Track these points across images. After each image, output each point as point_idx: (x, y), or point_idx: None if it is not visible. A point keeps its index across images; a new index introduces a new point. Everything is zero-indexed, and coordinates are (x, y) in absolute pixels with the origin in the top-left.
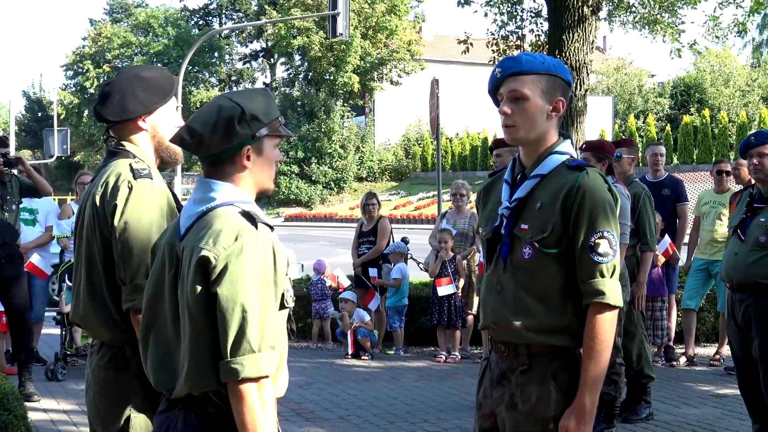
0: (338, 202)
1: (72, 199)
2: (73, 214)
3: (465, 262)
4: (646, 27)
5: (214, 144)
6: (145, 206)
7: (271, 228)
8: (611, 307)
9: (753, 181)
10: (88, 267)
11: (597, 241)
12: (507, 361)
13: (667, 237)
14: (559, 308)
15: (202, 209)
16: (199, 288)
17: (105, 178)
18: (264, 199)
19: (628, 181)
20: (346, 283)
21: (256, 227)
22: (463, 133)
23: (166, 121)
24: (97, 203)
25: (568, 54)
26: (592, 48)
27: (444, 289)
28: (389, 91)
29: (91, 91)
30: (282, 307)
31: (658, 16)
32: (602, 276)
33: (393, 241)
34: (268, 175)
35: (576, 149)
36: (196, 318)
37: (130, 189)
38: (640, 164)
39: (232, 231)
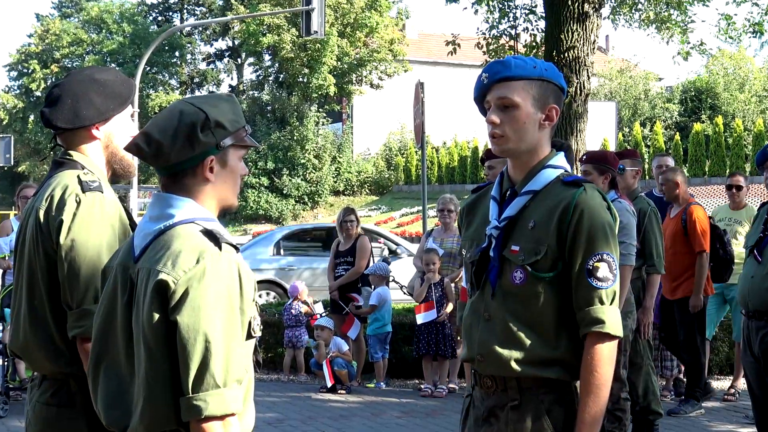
0: (312, 218)
1: (14, 215)
2: (13, 230)
3: (453, 285)
4: (653, 26)
5: (174, 153)
6: (94, 222)
7: (237, 248)
8: (611, 337)
9: None
10: (30, 290)
11: (595, 264)
12: (494, 397)
13: None
14: (554, 338)
15: (159, 227)
16: (156, 316)
17: (50, 191)
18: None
19: (633, 196)
20: (320, 311)
21: (220, 248)
22: (451, 142)
23: (121, 130)
24: (41, 219)
25: (566, 55)
26: (594, 48)
27: (423, 317)
28: (369, 96)
29: (38, 93)
30: (249, 336)
31: (667, 14)
32: (601, 303)
33: (373, 262)
34: (232, 189)
35: (575, 160)
36: (153, 349)
37: (78, 203)
38: (646, 177)
39: (194, 252)
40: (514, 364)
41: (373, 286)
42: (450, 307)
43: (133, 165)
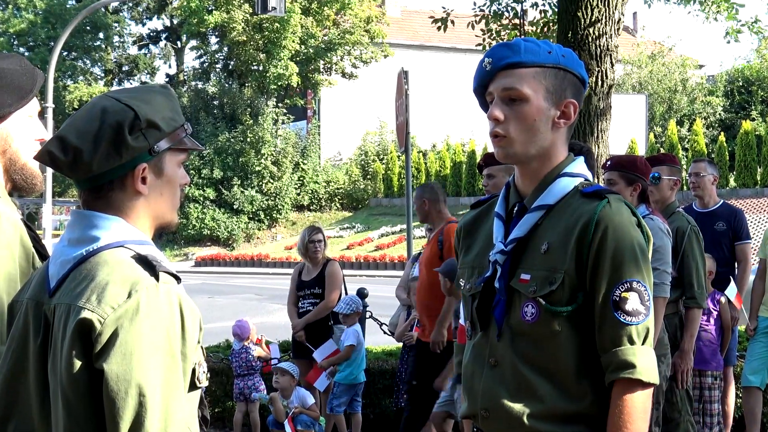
0: (270, 240)
1: None
2: None
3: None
4: (694, 1)
5: (97, 162)
6: None
7: (178, 279)
8: (644, 385)
9: None
10: None
11: (623, 295)
12: None
13: (733, 285)
14: (574, 387)
15: (80, 253)
16: (77, 363)
17: None
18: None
19: (669, 211)
20: (276, 354)
21: (157, 278)
22: (443, 145)
23: (21, 131)
24: None
25: (584, 37)
26: (619, 29)
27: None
28: (341, 87)
29: None
30: (193, 387)
31: None
32: (631, 342)
33: (345, 294)
34: (170, 203)
35: (596, 168)
36: (74, 404)
37: None
38: (685, 188)
39: (124, 284)
40: (526, 420)
41: (345, 325)
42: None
43: (39, 176)
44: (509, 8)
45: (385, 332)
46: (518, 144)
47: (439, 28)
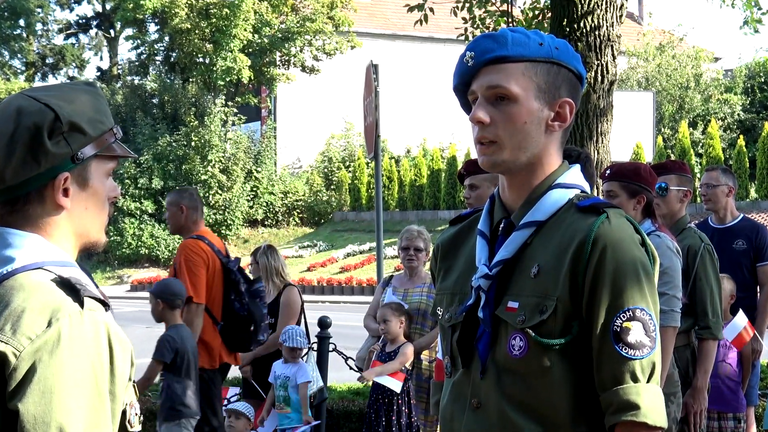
0: None
1: None
2: None
3: (426, 357)
4: None
5: (11, 171)
6: None
7: (106, 305)
8: (650, 429)
9: None
10: None
11: (625, 324)
12: None
13: (741, 315)
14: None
15: None
16: None
17: None
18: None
19: (679, 227)
20: (231, 392)
21: (82, 304)
22: (418, 150)
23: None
24: None
25: (582, 26)
26: (621, 16)
27: (388, 382)
28: (300, 83)
29: None
30: (123, 430)
31: None
32: (635, 379)
33: (304, 325)
34: (97, 219)
35: (594, 177)
36: None
37: None
38: (698, 200)
39: (43, 311)
40: None
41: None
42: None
43: None
44: None
45: (351, 368)
46: (506, 150)
47: (415, 23)
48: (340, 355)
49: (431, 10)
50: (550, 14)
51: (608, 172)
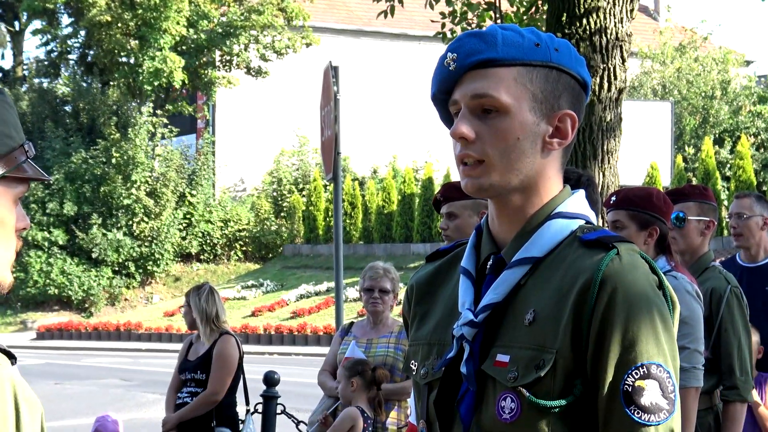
0: (144, 302)
1: None
2: None
3: (393, 421)
4: None
5: None
6: None
7: (11, 357)
8: None
9: None
10: None
11: (638, 383)
12: None
13: None
14: None
15: None
16: None
17: None
18: None
19: (700, 266)
20: None
21: None
22: (387, 170)
23: None
24: None
25: (585, 22)
26: (633, 10)
27: None
28: (245, 88)
29: None
30: None
31: None
32: None
33: (243, 382)
34: (2, 256)
35: (599, 204)
36: None
37: None
38: (725, 233)
39: None
40: None
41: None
42: None
43: None
44: None
45: None
46: (496, 172)
47: (383, 14)
48: (290, 418)
49: (400, 1)
50: (545, 8)
51: (614, 198)
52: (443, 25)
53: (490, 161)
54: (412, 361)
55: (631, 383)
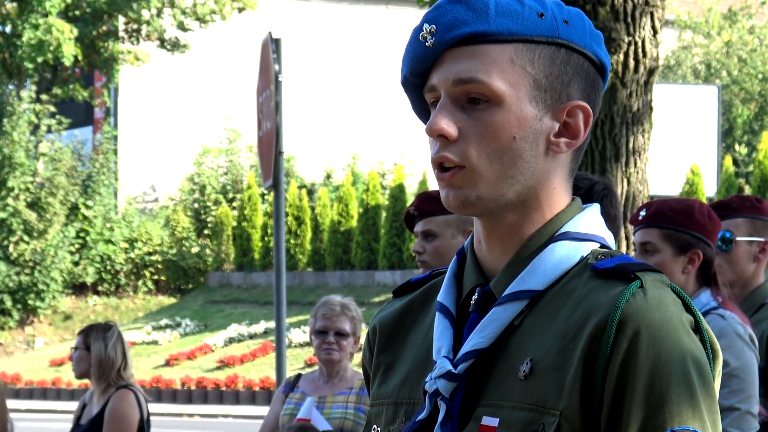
0: (23, 348)
1: None
2: None
3: None
4: None
5: None
6: None
7: None
8: None
9: None
10: None
11: None
12: None
13: None
14: None
15: None
16: None
17: None
18: None
19: (755, 302)
20: None
21: None
22: (344, 175)
23: None
24: None
25: None
26: None
27: None
28: (157, 67)
29: None
30: None
31: None
32: None
33: None
34: None
35: (620, 221)
36: None
37: None
38: None
39: None
40: None
41: None
42: None
43: None
44: None
45: None
46: (484, 181)
47: None
48: None
49: None
50: None
51: (643, 213)
52: None
53: (475, 167)
54: (374, 427)
55: None
